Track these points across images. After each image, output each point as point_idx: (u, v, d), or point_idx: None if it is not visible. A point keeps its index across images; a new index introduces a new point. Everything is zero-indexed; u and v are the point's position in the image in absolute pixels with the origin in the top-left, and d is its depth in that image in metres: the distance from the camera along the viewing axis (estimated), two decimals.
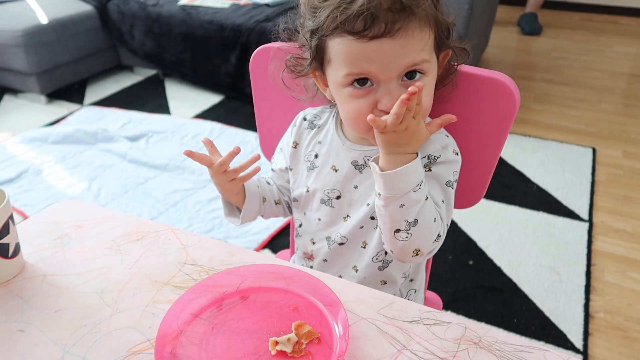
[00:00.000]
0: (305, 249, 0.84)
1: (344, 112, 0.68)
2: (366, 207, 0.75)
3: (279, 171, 0.84)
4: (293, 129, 0.81)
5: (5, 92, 2.96)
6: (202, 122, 2.54)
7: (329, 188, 0.77)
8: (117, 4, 2.91)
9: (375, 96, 0.63)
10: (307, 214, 0.82)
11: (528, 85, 2.89)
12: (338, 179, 0.76)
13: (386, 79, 0.62)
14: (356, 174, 0.75)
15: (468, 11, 2.11)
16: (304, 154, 0.80)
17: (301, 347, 0.54)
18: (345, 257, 0.79)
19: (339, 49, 0.63)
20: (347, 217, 0.77)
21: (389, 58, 0.60)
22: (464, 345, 0.55)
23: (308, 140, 0.79)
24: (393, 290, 0.80)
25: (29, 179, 2.10)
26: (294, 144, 0.81)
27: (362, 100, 0.64)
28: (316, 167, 0.78)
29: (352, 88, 0.64)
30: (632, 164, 2.14)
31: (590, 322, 1.39)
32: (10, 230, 0.65)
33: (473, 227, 1.75)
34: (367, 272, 0.78)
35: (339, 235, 0.78)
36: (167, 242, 0.72)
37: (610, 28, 3.88)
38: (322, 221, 0.79)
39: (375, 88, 0.63)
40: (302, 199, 0.81)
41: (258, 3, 2.75)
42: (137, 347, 0.56)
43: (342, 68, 0.63)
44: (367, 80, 0.63)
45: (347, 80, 0.64)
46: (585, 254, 1.63)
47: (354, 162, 0.75)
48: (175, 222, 1.81)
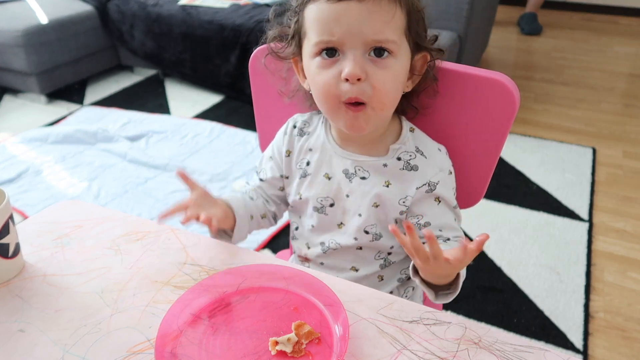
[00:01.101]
0: (300, 252, 0.84)
1: (315, 89, 0.68)
2: (358, 218, 0.75)
3: (271, 180, 0.82)
4: (284, 137, 0.80)
5: (5, 92, 2.96)
6: (202, 122, 2.54)
7: (322, 196, 0.76)
8: (117, 4, 2.91)
9: (340, 66, 0.64)
10: (302, 219, 0.82)
11: (528, 85, 2.89)
12: (331, 187, 0.76)
13: (352, 46, 0.63)
14: (347, 183, 0.75)
15: (468, 11, 2.11)
16: (296, 161, 0.79)
17: (301, 347, 0.54)
18: (341, 260, 0.79)
19: (312, 16, 0.65)
20: (341, 224, 0.77)
21: (355, 22, 0.62)
22: (464, 345, 0.55)
23: (299, 148, 0.79)
24: (390, 287, 0.81)
25: (29, 179, 2.10)
26: (287, 152, 0.80)
27: (329, 70, 0.65)
28: (309, 175, 0.78)
29: (320, 58, 0.66)
30: (632, 164, 2.14)
31: (590, 322, 1.39)
32: (10, 230, 0.64)
33: (473, 227, 1.75)
34: (370, 270, 0.79)
35: (333, 241, 0.78)
36: (167, 242, 0.72)
37: (610, 28, 3.88)
38: (315, 227, 0.79)
39: (341, 58, 0.64)
40: (297, 206, 0.81)
41: (258, 3, 2.75)
42: (137, 347, 0.56)
43: (313, 36, 0.65)
44: (335, 51, 0.64)
45: (317, 49, 0.65)
46: (585, 254, 1.63)
47: (344, 171, 0.74)
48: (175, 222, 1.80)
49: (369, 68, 0.63)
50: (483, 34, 2.77)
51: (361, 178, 0.73)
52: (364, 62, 0.63)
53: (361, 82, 0.63)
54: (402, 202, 0.72)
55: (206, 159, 2.21)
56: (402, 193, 0.72)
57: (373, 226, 0.75)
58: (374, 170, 0.73)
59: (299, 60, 0.72)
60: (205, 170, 2.11)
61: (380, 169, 0.73)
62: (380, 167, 0.72)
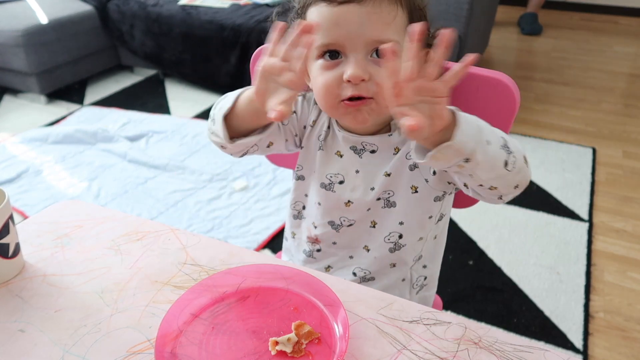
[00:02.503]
0: (309, 233, 0.83)
1: (315, 89, 0.69)
2: (371, 192, 0.75)
3: (291, 114, 0.77)
4: (313, 106, 0.79)
5: (5, 92, 2.96)
6: (202, 122, 2.54)
7: (332, 172, 0.77)
8: (117, 4, 2.91)
9: (342, 68, 0.64)
10: (308, 196, 0.82)
11: (528, 85, 2.89)
12: (342, 165, 0.76)
13: (353, 49, 0.64)
14: (356, 159, 0.75)
15: (468, 11, 2.11)
16: (318, 133, 0.79)
17: (301, 347, 0.54)
18: (355, 238, 0.79)
19: (313, 19, 0.66)
20: (349, 202, 0.77)
21: (355, 25, 0.62)
22: (464, 345, 0.55)
23: (324, 121, 0.79)
24: (402, 273, 0.80)
25: (29, 179, 2.10)
26: (313, 122, 0.79)
27: (330, 72, 0.66)
28: (322, 150, 0.78)
29: (323, 60, 0.66)
30: (632, 164, 2.14)
31: (590, 322, 1.39)
32: (10, 230, 0.64)
33: (473, 227, 1.75)
34: (379, 252, 0.78)
35: (346, 219, 0.78)
36: (167, 242, 0.72)
37: (610, 28, 3.88)
38: (322, 205, 0.79)
39: (344, 61, 0.65)
40: (306, 179, 0.81)
41: (258, 3, 2.75)
42: (137, 347, 0.56)
43: (315, 38, 0.64)
44: (338, 54, 0.65)
45: (319, 52, 0.66)
46: (585, 254, 1.63)
47: (352, 147, 0.75)
48: (175, 222, 1.81)
49: (372, 69, 0.64)
50: (483, 34, 2.77)
51: (371, 152, 0.74)
52: (366, 64, 0.64)
53: (365, 83, 0.64)
54: (408, 156, 0.72)
55: (206, 159, 2.21)
56: (408, 148, 0.72)
57: (385, 192, 0.75)
58: (380, 142, 0.74)
59: None
60: (205, 170, 2.12)
61: (386, 140, 0.73)
62: (386, 138, 0.73)
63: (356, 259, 0.81)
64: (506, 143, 0.60)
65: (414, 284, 0.82)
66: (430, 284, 0.86)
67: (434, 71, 0.51)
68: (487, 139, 0.57)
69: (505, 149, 0.59)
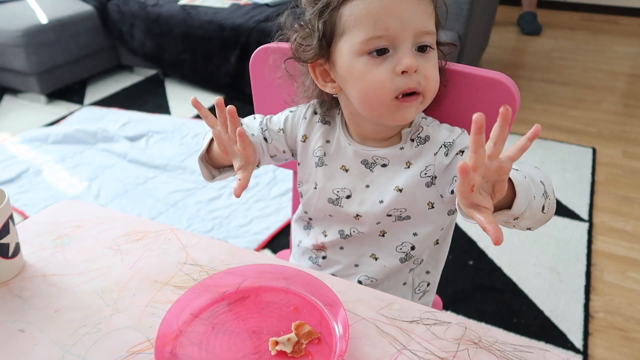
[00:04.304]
0: (316, 241, 0.83)
1: (360, 87, 0.66)
2: (379, 205, 0.74)
3: (277, 132, 0.79)
4: (303, 121, 0.78)
5: (5, 92, 2.96)
6: (202, 122, 2.54)
7: (339, 187, 0.76)
8: (117, 4, 2.91)
9: (393, 61, 0.63)
10: (315, 210, 0.81)
11: (528, 85, 2.89)
12: (349, 179, 0.75)
13: (404, 39, 0.63)
14: (367, 173, 0.74)
15: (468, 11, 2.11)
16: (313, 149, 0.78)
17: (301, 347, 0.54)
18: (362, 246, 0.79)
19: (357, 12, 0.63)
20: (358, 216, 0.76)
21: (408, 13, 0.62)
22: (464, 345, 0.55)
23: (318, 136, 0.77)
24: (403, 276, 0.80)
25: (29, 179, 2.10)
26: (303, 137, 0.78)
27: (381, 67, 0.64)
28: (325, 165, 0.77)
29: (369, 57, 0.64)
30: (632, 164, 2.14)
31: (590, 322, 1.39)
32: (10, 230, 0.65)
33: (473, 227, 1.75)
34: (388, 262, 0.78)
35: (356, 230, 0.77)
36: (167, 242, 0.72)
37: (610, 28, 3.88)
38: (333, 217, 0.79)
39: (392, 54, 0.64)
40: (309, 195, 0.80)
41: (258, 3, 2.75)
42: (137, 347, 0.56)
43: (360, 33, 0.64)
44: (385, 50, 0.64)
45: (365, 48, 0.64)
46: (585, 254, 1.63)
47: (363, 162, 0.74)
48: (175, 222, 1.81)
49: (418, 61, 0.64)
50: (483, 34, 2.77)
51: (382, 166, 0.74)
52: (414, 55, 0.64)
53: (416, 74, 0.64)
54: (423, 175, 0.72)
55: None
56: (422, 165, 0.72)
57: (396, 210, 0.74)
58: (392, 156, 0.73)
59: (322, 63, 0.70)
60: None
61: (398, 153, 0.73)
62: (398, 151, 0.73)
63: (362, 267, 0.80)
64: (545, 190, 0.60)
65: (415, 289, 0.82)
66: (432, 290, 0.86)
67: (500, 150, 0.50)
68: (533, 195, 0.57)
69: (544, 195, 0.60)
